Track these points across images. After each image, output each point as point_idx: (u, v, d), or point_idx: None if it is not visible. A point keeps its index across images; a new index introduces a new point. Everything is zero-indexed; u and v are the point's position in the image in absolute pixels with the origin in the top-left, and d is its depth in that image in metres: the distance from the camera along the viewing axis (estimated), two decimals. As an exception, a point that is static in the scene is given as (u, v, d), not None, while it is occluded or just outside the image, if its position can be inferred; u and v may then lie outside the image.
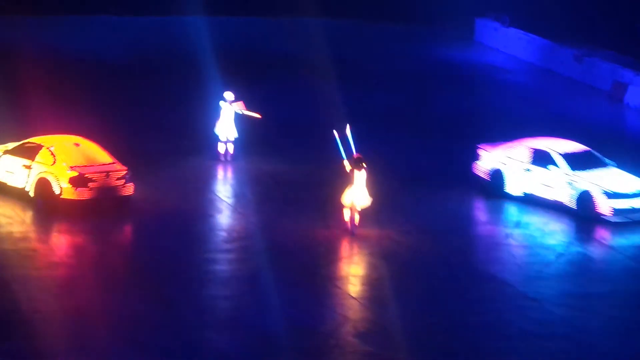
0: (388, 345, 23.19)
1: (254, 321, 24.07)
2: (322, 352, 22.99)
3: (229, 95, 33.75)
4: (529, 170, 31.74)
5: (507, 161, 32.16)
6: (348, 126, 29.40)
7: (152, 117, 38.30)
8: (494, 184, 32.37)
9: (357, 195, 28.53)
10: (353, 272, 27.68)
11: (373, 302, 25.55)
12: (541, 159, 31.70)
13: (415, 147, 36.76)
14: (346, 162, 28.59)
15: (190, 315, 24.22)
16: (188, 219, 29.88)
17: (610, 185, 30.83)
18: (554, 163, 31.35)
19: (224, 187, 33.07)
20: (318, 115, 37.19)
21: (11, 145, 31.42)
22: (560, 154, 31.59)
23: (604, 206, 30.40)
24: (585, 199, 30.68)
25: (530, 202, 31.68)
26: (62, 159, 30.35)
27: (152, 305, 24.49)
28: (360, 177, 28.49)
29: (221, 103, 33.70)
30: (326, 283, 26.49)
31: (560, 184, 31.17)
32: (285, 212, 30.26)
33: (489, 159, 32.64)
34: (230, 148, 33.84)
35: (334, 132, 29.09)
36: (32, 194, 30.34)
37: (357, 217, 28.77)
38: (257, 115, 34.06)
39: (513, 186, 32.02)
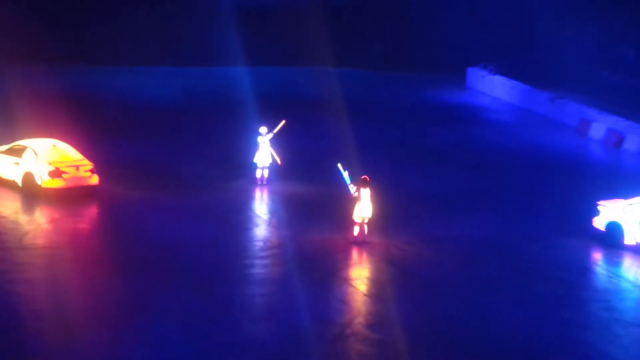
0: (393, 333, 23.18)
1: (285, 314, 24.09)
2: (340, 339, 22.97)
3: (263, 129, 33.75)
4: None
5: (624, 215, 29.45)
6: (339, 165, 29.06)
7: (201, 148, 38.40)
8: (611, 235, 29.55)
9: (363, 208, 28.49)
10: (364, 274, 27.57)
11: (381, 298, 25.49)
12: None
13: (416, 172, 36.70)
14: (351, 186, 28.53)
15: (233, 310, 24.28)
16: (231, 231, 29.88)
17: None
18: None
19: (260, 205, 33.00)
20: (337, 145, 37.20)
21: (3, 147, 32.57)
22: None
23: None
24: None
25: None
26: (42, 156, 31.44)
27: (202, 302, 24.53)
28: (365, 193, 28.45)
29: (258, 138, 33.74)
30: (343, 283, 26.48)
31: None
32: (309, 225, 30.19)
33: (607, 212, 29.80)
34: (266, 173, 33.81)
35: (339, 165, 28.92)
36: (20, 184, 31.56)
37: (365, 228, 28.70)
38: (282, 122, 33.76)
39: (629, 236, 29.36)
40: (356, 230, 28.72)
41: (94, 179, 31.88)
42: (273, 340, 22.86)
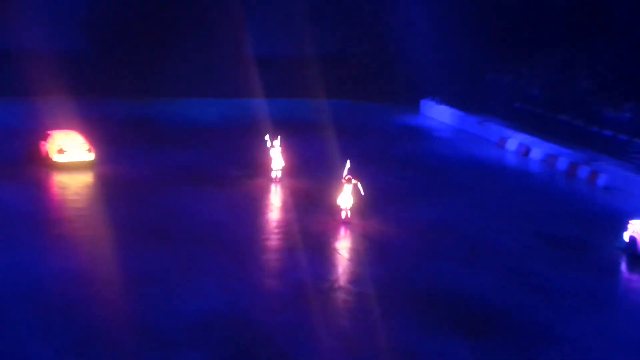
0: (369, 286, 23.32)
1: (292, 272, 24.20)
2: (331, 291, 23.14)
3: (276, 142, 33.82)
4: None
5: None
6: (348, 161, 29.31)
7: (231, 156, 38.16)
8: (631, 246, 26.18)
9: (346, 199, 28.64)
10: (348, 245, 27.58)
11: (360, 263, 25.59)
12: None
13: (385, 173, 36.44)
14: (345, 173, 28.83)
15: (255, 270, 24.42)
16: (252, 215, 29.86)
17: None
18: None
19: (274, 196, 32.83)
20: (328, 155, 37.00)
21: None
22: None
23: None
24: None
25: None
26: (56, 140, 33.49)
27: (232, 265, 24.61)
28: (347, 188, 28.61)
29: (271, 151, 33.74)
30: (333, 252, 26.56)
31: None
32: (310, 211, 30.17)
33: (632, 228, 26.33)
34: (279, 174, 33.80)
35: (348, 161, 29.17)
36: (44, 158, 33.49)
37: (348, 213, 28.77)
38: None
39: None
40: (343, 214, 28.78)
41: (90, 156, 33.22)
42: (283, 291, 23.02)
